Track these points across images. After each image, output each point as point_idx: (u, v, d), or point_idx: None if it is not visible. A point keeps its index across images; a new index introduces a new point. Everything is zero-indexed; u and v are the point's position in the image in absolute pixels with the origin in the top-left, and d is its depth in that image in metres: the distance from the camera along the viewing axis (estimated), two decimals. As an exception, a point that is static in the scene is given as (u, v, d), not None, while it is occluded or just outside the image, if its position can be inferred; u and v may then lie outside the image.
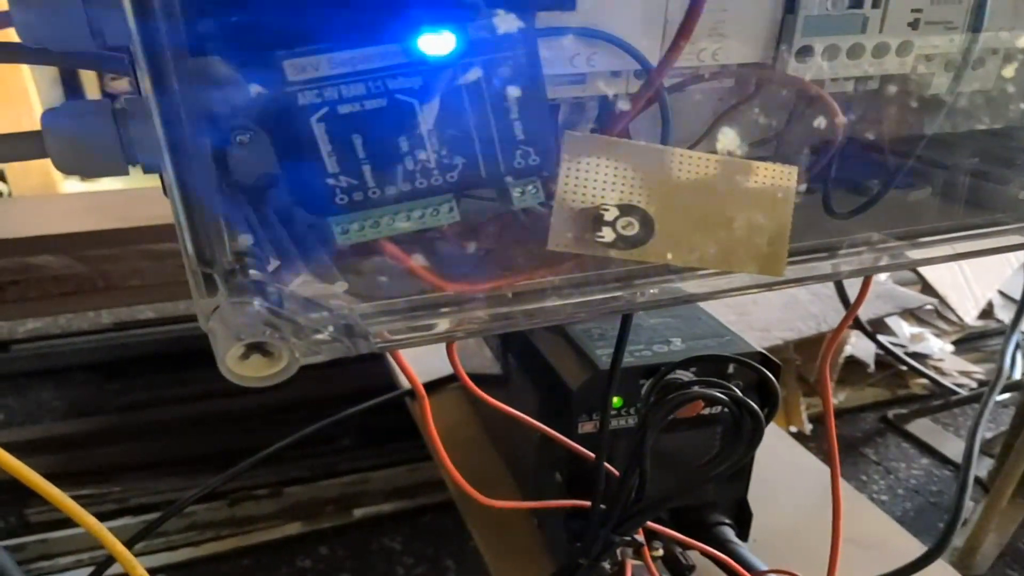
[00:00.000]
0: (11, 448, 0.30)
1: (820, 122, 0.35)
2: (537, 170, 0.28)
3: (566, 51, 0.30)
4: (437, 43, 0.25)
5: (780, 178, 0.31)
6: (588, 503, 0.51)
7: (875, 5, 0.33)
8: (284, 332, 0.26)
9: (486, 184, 0.28)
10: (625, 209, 0.29)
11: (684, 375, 0.50)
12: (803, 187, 0.39)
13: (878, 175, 0.40)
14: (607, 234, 0.28)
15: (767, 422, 0.45)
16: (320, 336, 0.27)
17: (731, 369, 0.56)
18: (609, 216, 0.28)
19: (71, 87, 2.07)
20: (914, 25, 0.34)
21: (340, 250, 0.29)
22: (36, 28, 0.27)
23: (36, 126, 0.30)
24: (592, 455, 0.52)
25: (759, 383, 0.54)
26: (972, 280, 1.47)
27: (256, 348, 0.26)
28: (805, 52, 0.33)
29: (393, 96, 0.25)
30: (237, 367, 0.26)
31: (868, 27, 0.33)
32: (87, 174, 0.30)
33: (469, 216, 0.31)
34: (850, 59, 0.34)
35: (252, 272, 0.25)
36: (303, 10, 0.23)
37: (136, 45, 0.23)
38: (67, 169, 0.30)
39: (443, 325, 0.31)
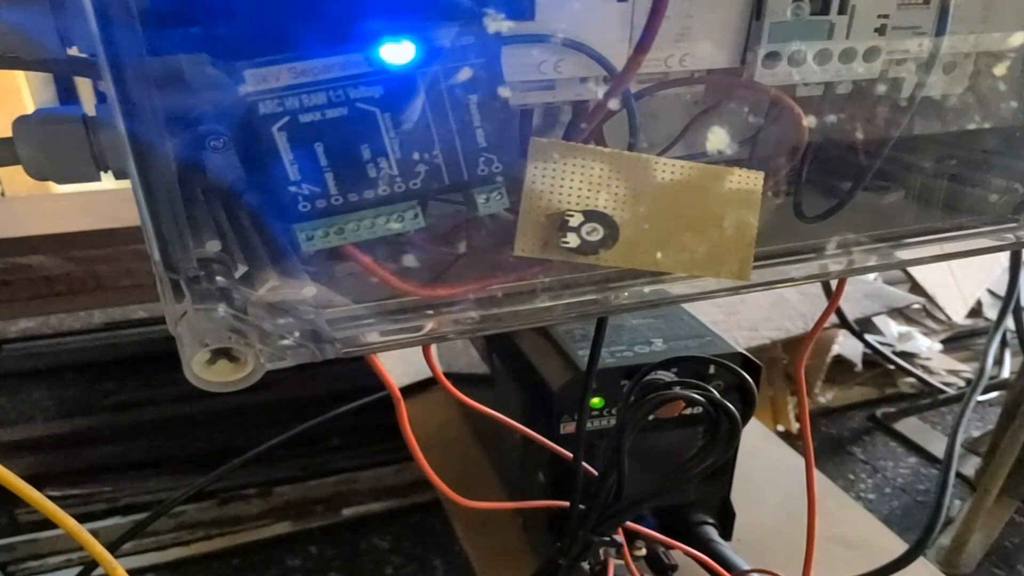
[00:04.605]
0: (2, 448, 0.31)
1: (789, 128, 0.35)
2: (501, 176, 0.28)
3: (533, 58, 0.30)
4: (398, 52, 0.25)
5: (747, 183, 0.32)
6: (567, 504, 0.51)
7: (841, 11, 0.33)
8: (250, 338, 0.26)
9: (450, 190, 0.28)
10: (590, 215, 0.29)
11: (665, 376, 0.51)
12: (783, 186, 0.40)
13: (852, 178, 0.40)
14: (572, 240, 0.29)
15: (744, 423, 0.45)
16: (286, 341, 0.27)
17: (712, 369, 0.57)
18: (574, 222, 0.29)
19: (64, 86, 2.06)
20: (881, 31, 0.35)
21: (318, 254, 0.29)
22: (7, 37, 0.27)
23: None
24: (571, 456, 0.52)
25: (740, 383, 0.54)
26: (961, 279, 1.47)
27: (222, 353, 0.26)
28: (772, 58, 0.33)
29: (354, 105, 0.25)
30: (203, 372, 0.26)
31: (835, 33, 0.34)
32: (58, 180, 0.30)
33: (437, 220, 0.31)
34: (817, 65, 0.34)
35: (218, 279, 0.26)
36: (264, 21, 0.23)
37: (101, 55, 0.23)
38: (38, 175, 0.30)
39: (415, 329, 0.31)
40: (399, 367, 0.87)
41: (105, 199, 1.45)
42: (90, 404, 1.30)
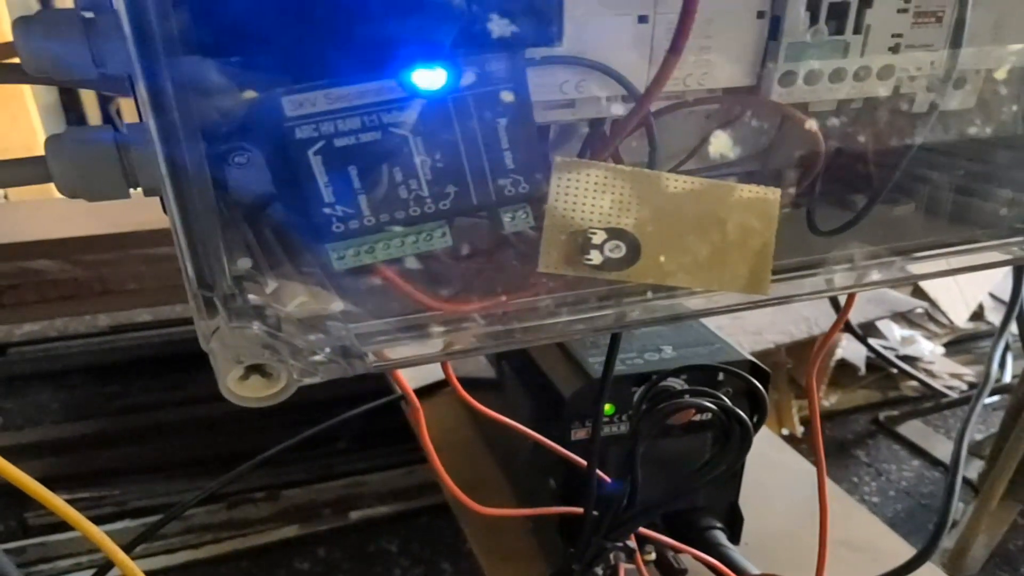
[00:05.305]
0: (9, 451, 0.31)
1: (804, 144, 0.36)
2: (527, 196, 0.29)
3: (556, 78, 0.31)
4: (429, 78, 0.26)
5: (764, 199, 0.32)
6: (580, 510, 0.52)
7: (856, 31, 0.34)
8: (282, 354, 0.27)
9: (478, 210, 0.29)
10: (613, 232, 0.30)
11: (675, 383, 0.51)
12: (792, 191, 0.41)
13: (864, 191, 0.41)
14: (595, 257, 0.29)
15: (755, 430, 0.46)
16: (317, 357, 0.28)
17: (721, 376, 0.57)
18: (597, 239, 0.29)
19: (67, 92, 2.07)
20: (895, 49, 0.35)
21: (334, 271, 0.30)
22: (41, 60, 0.28)
23: (32, 134, 0.30)
24: (584, 462, 0.53)
25: (749, 389, 0.55)
26: (963, 283, 1.48)
27: (255, 369, 0.27)
28: (788, 76, 0.34)
29: (387, 129, 0.26)
30: (237, 388, 0.27)
31: (849, 52, 0.34)
32: (90, 198, 0.31)
33: (464, 235, 0.32)
34: (832, 83, 0.35)
35: (251, 297, 0.26)
36: (300, 48, 0.24)
37: (139, 81, 0.24)
38: (70, 193, 0.31)
39: (440, 344, 0.31)
40: (407, 372, 0.88)
41: (111, 204, 1.45)
42: (97, 407, 1.30)
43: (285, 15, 0.23)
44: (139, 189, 0.31)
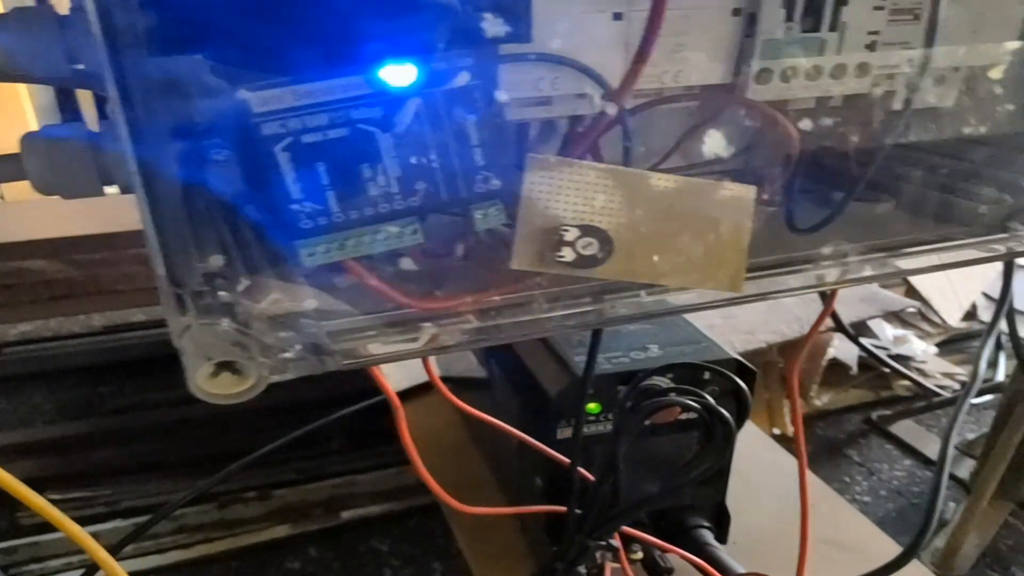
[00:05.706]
0: (2, 451, 0.31)
1: (781, 141, 0.36)
2: (498, 193, 0.29)
3: (530, 75, 0.31)
4: (398, 75, 0.26)
5: (740, 197, 0.32)
6: (564, 508, 0.52)
7: (832, 28, 0.34)
8: (252, 351, 0.27)
9: (449, 207, 0.29)
10: (586, 229, 0.30)
11: (661, 382, 0.51)
12: (777, 196, 0.41)
13: (844, 189, 0.41)
14: (567, 254, 0.29)
15: (738, 428, 0.46)
16: (287, 354, 0.28)
17: (707, 375, 0.57)
18: (570, 236, 0.29)
19: (63, 91, 2.07)
20: (871, 47, 0.35)
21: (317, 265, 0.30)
22: (16, 57, 0.28)
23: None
24: (569, 461, 0.53)
25: (735, 388, 0.55)
26: (956, 282, 1.48)
27: (225, 366, 0.27)
28: (764, 74, 0.34)
29: (355, 126, 0.26)
30: (207, 385, 0.27)
31: (826, 49, 0.34)
32: (65, 195, 0.31)
33: (437, 230, 0.32)
34: (808, 80, 0.35)
35: (221, 294, 0.26)
36: (268, 44, 0.24)
37: (108, 77, 0.24)
38: (45, 190, 0.31)
39: (414, 341, 0.31)
40: (398, 371, 0.88)
41: (105, 204, 1.44)
42: (90, 407, 1.30)
43: (252, 10, 0.23)
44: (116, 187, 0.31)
